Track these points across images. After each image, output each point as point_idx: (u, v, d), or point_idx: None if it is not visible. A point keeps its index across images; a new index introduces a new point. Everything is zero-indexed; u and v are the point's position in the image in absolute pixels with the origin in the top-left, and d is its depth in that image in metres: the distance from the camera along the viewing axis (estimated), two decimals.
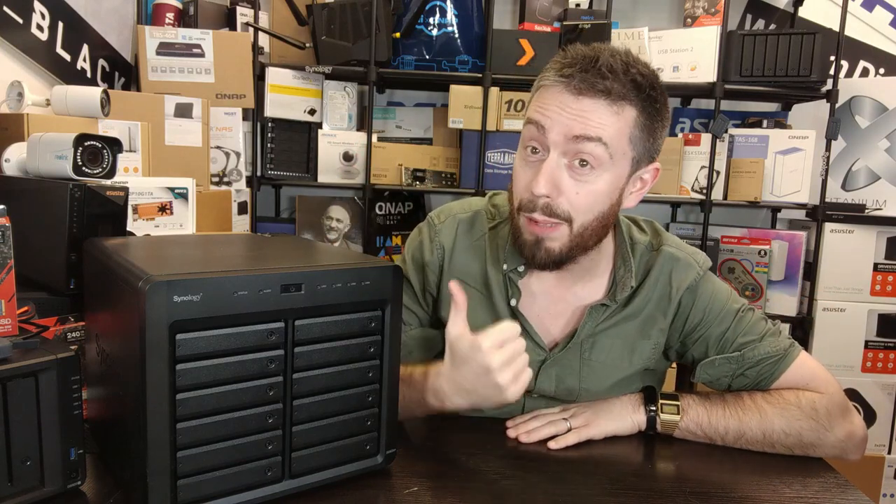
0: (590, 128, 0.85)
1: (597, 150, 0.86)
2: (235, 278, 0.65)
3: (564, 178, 0.88)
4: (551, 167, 0.87)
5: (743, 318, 0.99)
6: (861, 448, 0.95)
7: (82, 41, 1.80)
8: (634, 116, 0.87)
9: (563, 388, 1.00)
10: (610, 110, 0.86)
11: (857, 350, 2.17)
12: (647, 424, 0.96)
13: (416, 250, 1.07)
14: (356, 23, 2.08)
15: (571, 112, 0.86)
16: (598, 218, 0.90)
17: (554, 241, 0.91)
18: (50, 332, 0.85)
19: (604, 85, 0.84)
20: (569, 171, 0.88)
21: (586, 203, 0.89)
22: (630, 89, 0.86)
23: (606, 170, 0.88)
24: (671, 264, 1.00)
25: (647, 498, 0.79)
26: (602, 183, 0.88)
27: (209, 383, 0.66)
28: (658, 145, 0.93)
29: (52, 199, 0.87)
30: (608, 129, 0.86)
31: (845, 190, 2.28)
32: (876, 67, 2.40)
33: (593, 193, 0.88)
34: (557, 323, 1.02)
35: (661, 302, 1.00)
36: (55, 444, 0.68)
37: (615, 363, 1.00)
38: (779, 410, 0.93)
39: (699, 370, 1.00)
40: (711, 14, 2.12)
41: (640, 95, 0.87)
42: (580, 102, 0.85)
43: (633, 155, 0.90)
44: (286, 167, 2.19)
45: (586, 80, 0.85)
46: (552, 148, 0.87)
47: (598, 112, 0.85)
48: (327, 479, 0.75)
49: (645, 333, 1.01)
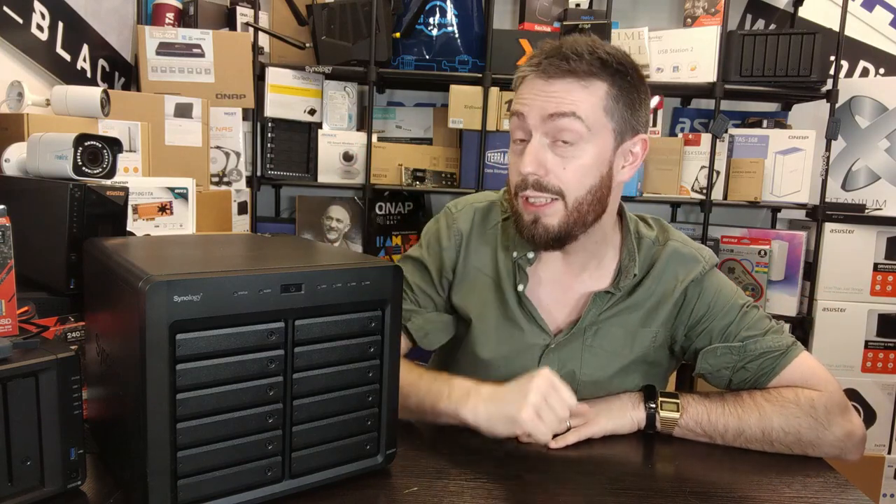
0: (563, 104, 0.91)
1: (574, 125, 0.91)
2: (235, 278, 0.65)
3: (549, 157, 0.93)
4: (535, 148, 0.93)
5: (747, 314, 1.01)
6: (860, 448, 0.95)
7: (82, 41, 1.80)
8: (606, 89, 0.92)
9: (565, 372, 1.02)
10: (579, 86, 0.91)
11: (857, 350, 2.17)
12: (646, 422, 0.96)
13: (433, 236, 1.11)
14: (356, 23, 2.08)
15: (544, 93, 0.92)
16: (590, 191, 0.94)
17: (551, 216, 0.94)
18: (50, 332, 0.85)
19: (570, 66, 0.90)
20: (552, 149, 0.93)
21: (575, 177, 0.93)
22: (597, 67, 0.91)
23: (588, 142, 0.92)
24: (676, 258, 1.03)
25: (647, 498, 0.79)
26: (587, 156, 0.92)
27: (209, 383, 0.66)
28: (641, 118, 0.97)
29: (52, 199, 0.87)
30: (581, 104, 0.91)
31: (845, 190, 2.28)
32: (876, 67, 2.40)
33: (580, 167, 0.93)
34: (563, 310, 1.04)
35: (665, 294, 1.02)
36: (55, 444, 0.68)
37: (616, 350, 1.02)
38: (778, 408, 0.93)
39: (700, 359, 1.01)
40: (711, 14, 2.12)
41: (608, 69, 0.92)
42: (551, 85, 0.91)
43: (613, 126, 0.94)
44: (286, 167, 2.19)
45: (553, 64, 0.91)
46: (533, 131, 0.93)
47: (568, 89, 0.91)
48: (327, 479, 0.75)
49: (646, 323, 1.03)
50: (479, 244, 1.08)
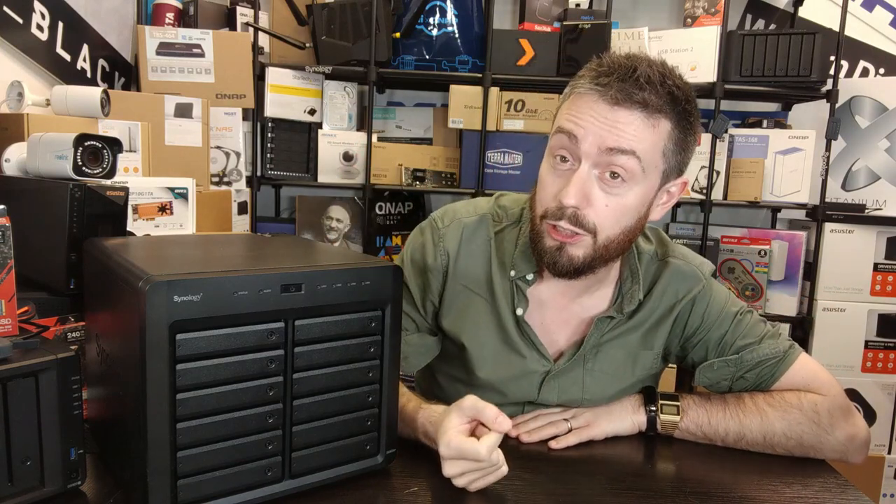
0: (623, 140, 0.83)
1: (630, 164, 0.83)
2: (235, 278, 0.65)
3: (595, 190, 0.85)
4: (582, 178, 0.85)
5: (741, 321, 0.99)
6: (863, 451, 0.94)
7: (82, 41, 1.80)
8: (669, 130, 0.85)
9: (566, 398, 1.00)
10: (646, 123, 0.83)
11: (857, 350, 2.17)
12: (647, 425, 0.96)
13: (417, 252, 1.04)
14: (356, 23, 2.08)
15: (606, 122, 0.83)
16: (623, 231, 0.89)
17: (577, 248, 0.88)
18: (50, 332, 0.85)
19: (641, 96, 0.82)
20: (599, 182, 0.85)
21: (614, 216, 0.87)
22: (666, 102, 0.84)
23: (638, 183, 0.86)
24: (678, 277, 0.99)
25: (647, 498, 0.79)
26: (632, 196, 0.86)
27: (209, 383, 0.66)
28: (688, 159, 0.91)
29: (52, 199, 0.87)
30: (643, 143, 0.83)
31: (845, 190, 2.28)
32: (876, 67, 2.39)
33: (622, 207, 0.86)
34: (562, 333, 1.00)
35: (664, 313, 1.00)
36: (55, 444, 0.68)
37: (617, 373, 1.00)
38: (780, 413, 0.92)
39: (699, 374, 1.00)
40: (711, 14, 2.12)
41: (676, 108, 0.85)
42: (616, 113, 0.83)
43: (664, 168, 0.88)
44: (286, 167, 2.19)
45: (624, 91, 0.82)
46: (584, 158, 0.85)
47: (634, 124, 0.83)
48: (327, 479, 0.75)
49: (647, 344, 1.00)
50: (468, 262, 1.01)
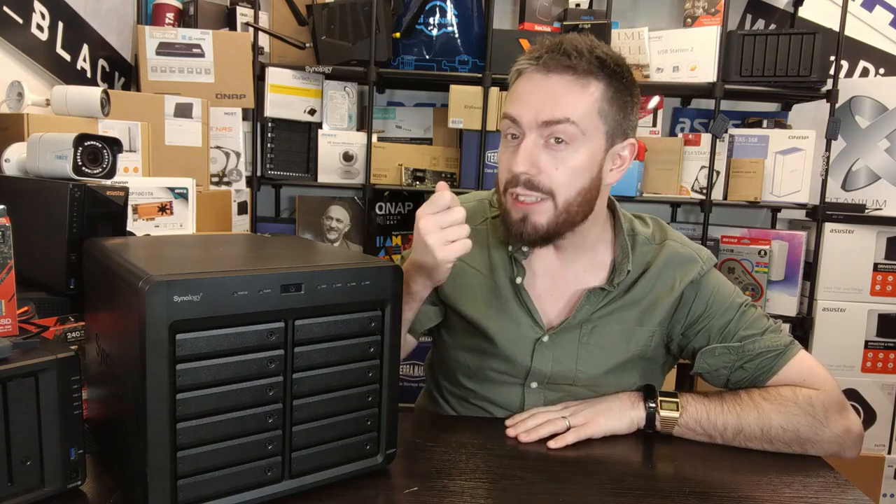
0: (558, 110, 0.91)
1: (568, 129, 0.92)
2: (235, 278, 0.65)
3: (542, 157, 0.93)
4: (528, 147, 0.93)
5: (746, 313, 1.01)
6: (857, 445, 0.96)
7: (82, 41, 1.80)
8: (602, 90, 0.93)
9: (560, 369, 1.02)
10: (577, 85, 0.91)
11: (856, 350, 2.17)
12: (646, 421, 0.96)
13: None
14: (356, 23, 2.08)
15: (541, 93, 0.92)
16: (579, 193, 0.94)
17: (540, 215, 0.95)
18: (50, 332, 0.85)
19: (570, 62, 0.91)
20: (545, 149, 0.93)
21: (566, 178, 0.93)
22: (595, 66, 0.92)
23: (582, 144, 0.93)
24: (675, 258, 1.03)
25: (647, 498, 0.79)
26: (579, 157, 0.93)
27: (209, 383, 0.66)
28: (631, 122, 0.98)
29: (52, 199, 0.87)
30: (577, 107, 0.91)
31: (845, 190, 2.28)
32: (876, 67, 2.40)
33: (572, 168, 0.93)
34: (557, 304, 1.05)
35: (662, 294, 1.02)
36: (55, 444, 0.68)
37: (612, 348, 1.02)
38: (776, 406, 0.94)
39: (699, 358, 1.02)
40: (711, 14, 2.12)
41: (606, 70, 0.93)
42: (549, 80, 0.92)
43: (606, 129, 0.94)
44: (286, 167, 2.19)
45: (554, 59, 0.92)
46: (527, 131, 0.93)
47: (566, 90, 0.91)
48: (327, 479, 0.75)
49: (643, 322, 1.02)
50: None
